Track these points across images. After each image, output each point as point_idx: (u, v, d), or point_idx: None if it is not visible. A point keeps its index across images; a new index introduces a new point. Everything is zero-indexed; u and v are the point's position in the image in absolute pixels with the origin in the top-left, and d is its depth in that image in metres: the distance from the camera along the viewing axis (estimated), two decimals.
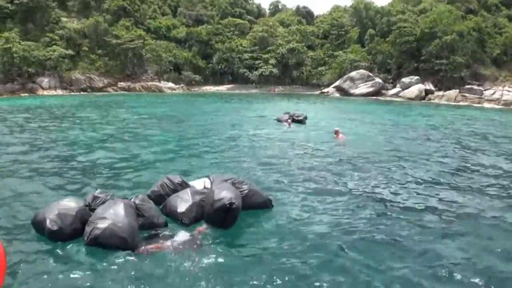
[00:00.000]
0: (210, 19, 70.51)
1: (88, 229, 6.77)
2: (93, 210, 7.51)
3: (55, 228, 6.85)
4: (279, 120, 22.98)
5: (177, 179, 9.21)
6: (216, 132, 19.41)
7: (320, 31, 69.66)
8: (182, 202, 8.24)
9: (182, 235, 7.18)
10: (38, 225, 7.22)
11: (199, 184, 9.20)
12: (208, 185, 9.09)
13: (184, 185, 9.07)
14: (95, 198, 7.82)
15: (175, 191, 8.88)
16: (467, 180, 10.85)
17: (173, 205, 8.25)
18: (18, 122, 21.69)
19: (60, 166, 11.94)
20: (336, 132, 18.21)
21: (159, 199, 8.63)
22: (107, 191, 8.18)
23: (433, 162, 13.15)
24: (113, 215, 7.00)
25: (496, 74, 48.60)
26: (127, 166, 12.39)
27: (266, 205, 8.94)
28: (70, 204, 7.41)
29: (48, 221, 6.90)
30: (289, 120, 21.85)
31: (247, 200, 8.43)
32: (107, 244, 6.64)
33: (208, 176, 9.58)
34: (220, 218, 7.83)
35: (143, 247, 6.85)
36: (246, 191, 8.67)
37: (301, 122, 22.83)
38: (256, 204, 8.75)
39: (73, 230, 7.06)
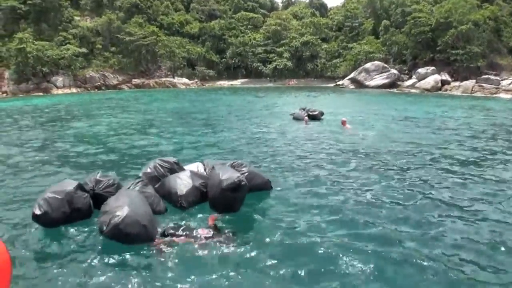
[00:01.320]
0: (223, 13, 70.29)
1: (105, 218, 6.40)
2: (97, 194, 7.50)
3: (38, 212, 6.72)
4: (296, 118, 22.18)
5: (171, 159, 9.05)
6: (229, 127, 19.39)
7: (334, 23, 68.87)
8: (182, 184, 8.00)
9: (200, 227, 6.93)
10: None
11: (192, 168, 9.03)
12: (201, 169, 9.01)
13: (180, 166, 8.96)
14: (97, 181, 7.72)
15: (172, 171, 8.72)
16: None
17: (172, 186, 8.01)
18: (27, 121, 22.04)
19: (69, 157, 12.58)
20: (343, 122, 19.08)
21: (152, 181, 8.35)
22: (107, 175, 8.14)
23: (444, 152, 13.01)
24: (130, 203, 6.64)
25: None
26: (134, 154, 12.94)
27: (266, 186, 8.94)
28: (62, 187, 7.19)
29: (35, 205, 6.82)
30: (306, 118, 21.23)
31: (247, 182, 8.15)
32: (128, 232, 6.25)
33: (202, 161, 9.55)
34: (227, 199, 7.60)
35: (165, 239, 6.62)
36: (246, 174, 8.48)
37: (316, 117, 22.13)
38: (256, 186, 8.66)
39: (62, 214, 6.91)
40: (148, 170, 8.71)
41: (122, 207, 6.48)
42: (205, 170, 8.99)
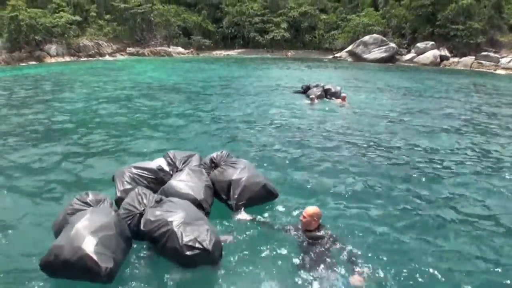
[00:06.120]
0: None
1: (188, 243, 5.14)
2: None
3: (111, 265, 4.90)
4: (306, 94, 20.12)
5: (152, 164, 7.61)
6: (225, 105, 18.80)
7: None
8: (195, 187, 6.72)
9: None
10: (67, 267, 4.90)
11: (161, 161, 7.86)
12: (165, 165, 7.79)
13: (166, 172, 7.55)
14: (98, 202, 6.14)
15: (158, 180, 7.33)
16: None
17: (183, 193, 6.52)
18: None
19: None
20: (344, 98, 18.93)
21: None
22: (98, 193, 6.49)
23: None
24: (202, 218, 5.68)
25: None
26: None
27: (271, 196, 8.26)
28: (103, 218, 5.41)
29: (95, 256, 4.81)
30: (313, 96, 19.04)
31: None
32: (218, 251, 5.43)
33: (164, 156, 8.14)
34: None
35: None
36: (243, 178, 7.52)
37: (334, 96, 19.77)
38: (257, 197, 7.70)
39: (122, 253, 5.35)
40: (128, 186, 7.02)
41: (201, 225, 5.46)
42: (174, 163, 7.84)
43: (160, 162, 7.80)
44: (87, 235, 5.01)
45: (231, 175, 7.38)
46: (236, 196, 7.07)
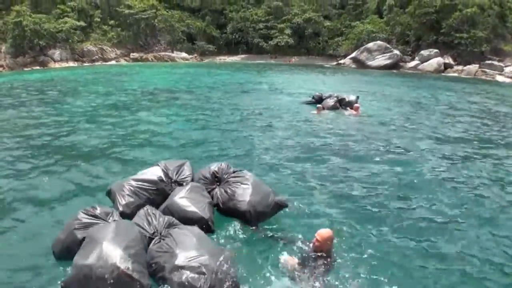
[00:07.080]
0: None
1: (180, 276, 4.61)
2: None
3: (148, 281, 4.66)
4: (329, 108, 18.75)
5: (151, 176, 7.29)
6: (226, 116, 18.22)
7: (337, 1, 67.29)
8: (199, 205, 6.53)
9: None
10: None
11: (156, 171, 7.51)
12: (160, 173, 7.48)
13: (165, 182, 7.31)
14: (107, 214, 5.92)
15: (160, 191, 7.13)
16: None
17: (190, 211, 6.37)
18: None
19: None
20: (356, 108, 18.13)
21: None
22: (106, 208, 6.27)
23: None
24: (208, 249, 5.05)
25: None
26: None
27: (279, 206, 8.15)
28: (126, 231, 5.06)
29: (136, 275, 4.48)
30: (320, 106, 18.33)
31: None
32: None
33: (158, 164, 7.83)
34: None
35: None
36: (249, 191, 7.38)
37: (349, 105, 18.76)
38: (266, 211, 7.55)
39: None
40: (130, 199, 6.80)
41: (198, 257, 4.81)
42: (167, 173, 7.54)
43: (154, 171, 7.55)
44: (121, 251, 4.53)
45: (243, 202, 7.00)
46: (256, 221, 7.01)
